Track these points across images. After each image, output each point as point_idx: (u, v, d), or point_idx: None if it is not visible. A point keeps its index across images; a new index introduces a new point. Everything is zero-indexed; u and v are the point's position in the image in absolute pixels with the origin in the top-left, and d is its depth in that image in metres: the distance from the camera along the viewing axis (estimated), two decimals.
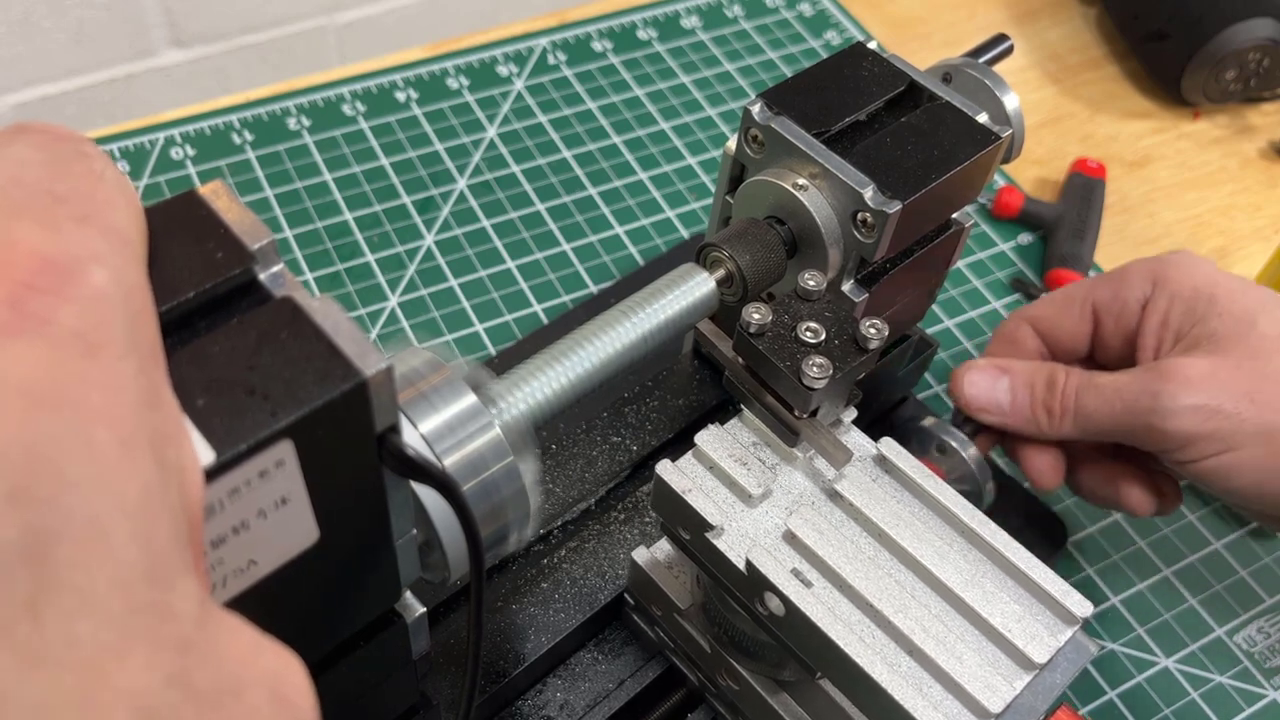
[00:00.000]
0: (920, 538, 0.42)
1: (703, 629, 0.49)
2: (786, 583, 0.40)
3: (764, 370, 0.43)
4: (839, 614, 0.40)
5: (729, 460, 0.43)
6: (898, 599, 0.40)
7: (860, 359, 0.42)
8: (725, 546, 0.42)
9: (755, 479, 0.43)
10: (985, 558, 0.42)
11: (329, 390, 0.27)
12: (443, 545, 0.35)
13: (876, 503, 0.42)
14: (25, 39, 1.10)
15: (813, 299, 0.44)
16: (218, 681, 0.22)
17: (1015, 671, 0.39)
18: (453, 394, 0.37)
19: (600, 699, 0.52)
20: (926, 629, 0.39)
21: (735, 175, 0.52)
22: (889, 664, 0.39)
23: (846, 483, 0.43)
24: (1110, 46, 0.99)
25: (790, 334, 0.43)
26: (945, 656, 0.38)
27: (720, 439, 0.44)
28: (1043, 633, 0.40)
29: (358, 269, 0.76)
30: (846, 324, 0.43)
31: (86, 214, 0.25)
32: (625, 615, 0.54)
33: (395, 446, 0.30)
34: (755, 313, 0.43)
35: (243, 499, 0.26)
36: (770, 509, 0.43)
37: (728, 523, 0.42)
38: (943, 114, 0.49)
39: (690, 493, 0.42)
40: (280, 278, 0.30)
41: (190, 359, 0.27)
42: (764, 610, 0.42)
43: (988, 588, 0.41)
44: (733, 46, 0.95)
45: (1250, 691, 0.62)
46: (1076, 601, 0.40)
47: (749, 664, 0.48)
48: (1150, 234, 0.85)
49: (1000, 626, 0.40)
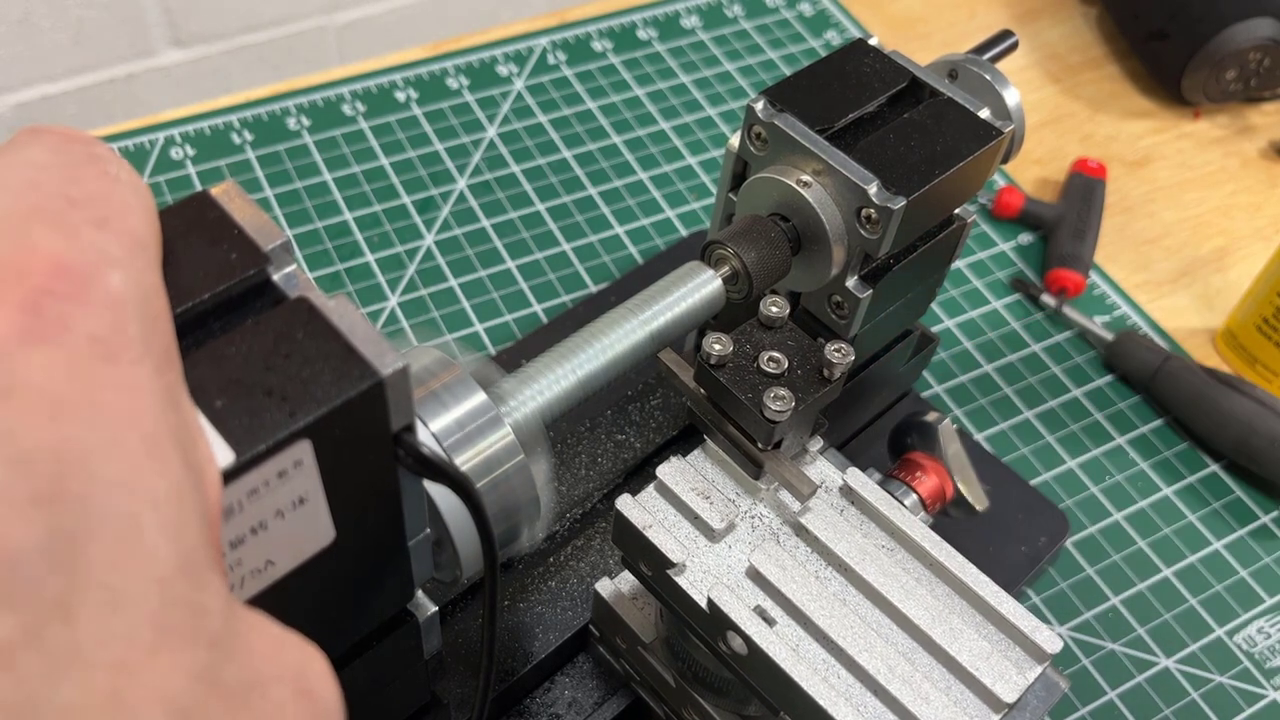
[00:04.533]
0: (886, 573, 0.41)
1: (667, 663, 0.48)
2: (749, 621, 0.39)
3: (725, 402, 0.43)
4: (802, 653, 0.39)
5: (691, 494, 0.43)
6: (863, 637, 0.39)
7: (823, 390, 0.42)
8: (687, 584, 0.41)
9: (718, 513, 0.42)
10: (953, 592, 0.41)
11: (346, 390, 0.27)
12: (454, 544, 0.35)
13: (842, 537, 0.42)
14: (25, 39, 1.10)
15: (775, 327, 0.44)
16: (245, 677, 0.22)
17: (984, 712, 0.39)
18: (464, 392, 0.37)
19: (608, 696, 0.52)
20: (892, 668, 0.38)
21: (738, 173, 0.52)
22: (854, 706, 0.38)
23: (811, 515, 0.42)
24: (1111, 46, 0.99)
25: (752, 364, 0.42)
26: (911, 697, 0.38)
27: (682, 471, 0.44)
28: (1011, 671, 0.39)
29: (358, 269, 0.76)
30: (810, 353, 0.43)
31: (102, 218, 0.25)
32: (590, 647, 0.53)
33: (411, 445, 0.30)
34: (716, 343, 0.42)
35: (261, 499, 0.27)
36: (733, 544, 0.42)
37: (690, 559, 0.42)
38: (945, 110, 0.49)
39: (651, 528, 0.42)
40: (294, 278, 0.30)
41: (207, 360, 0.27)
42: (727, 649, 0.41)
43: (955, 624, 0.40)
44: (733, 46, 0.95)
45: (1250, 691, 0.63)
46: (1046, 638, 0.39)
47: (714, 699, 0.47)
48: (1151, 234, 0.85)
49: (968, 665, 0.39)
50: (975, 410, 0.73)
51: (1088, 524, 0.68)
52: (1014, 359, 0.76)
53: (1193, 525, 0.69)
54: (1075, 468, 0.71)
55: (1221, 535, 0.69)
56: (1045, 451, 0.72)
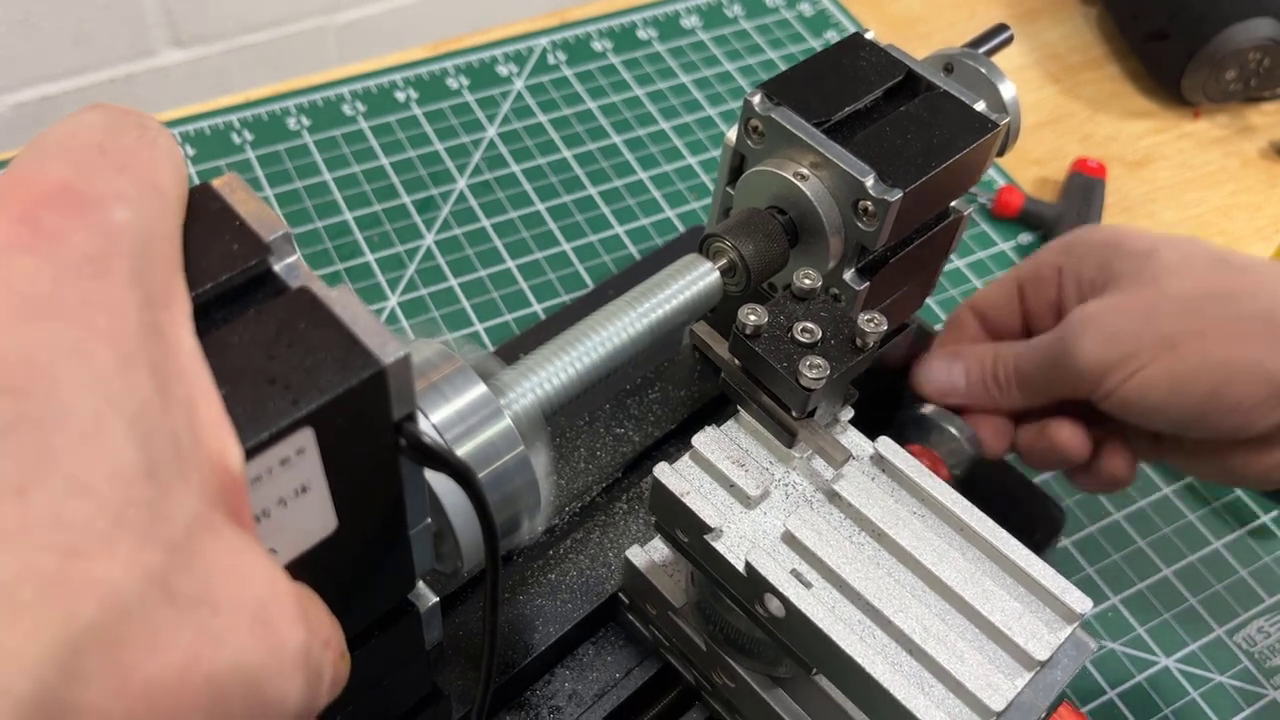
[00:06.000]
0: (919, 537, 0.41)
1: (698, 627, 0.49)
2: (786, 584, 0.40)
3: (760, 371, 0.43)
4: (839, 614, 0.40)
5: (726, 462, 0.43)
6: (898, 598, 0.40)
7: (858, 358, 0.42)
8: (724, 549, 0.41)
9: (753, 480, 0.43)
10: (984, 555, 0.42)
11: (349, 379, 0.27)
12: (456, 535, 0.35)
13: (875, 502, 0.42)
14: (25, 39, 1.10)
15: (807, 298, 0.44)
16: (197, 590, 0.22)
17: (1016, 669, 0.39)
18: (464, 384, 0.37)
19: (608, 688, 0.52)
20: (927, 628, 0.39)
21: (735, 166, 0.52)
22: (891, 663, 0.38)
23: (844, 483, 0.43)
24: (1110, 46, 1.00)
25: (786, 335, 0.43)
26: (946, 655, 0.38)
27: (717, 440, 0.44)
28: (1043, 630, 0.39)
29: (358, 269, 0.76)
30: (843, 323, 0.43)
31: (125, 165, 0.26)
32: (620, 614, 0.54)
33: (413, 434, 0.30)
34: (751, 314, 0.43)
35: (264, 487, 0.27)
36: (768, 510, 0.43)
37: (726, 525, 0.42)
38: (941, 103, 0.49)
39: (688, 495, 0.42)
40: (295, 269, 0.30)
41: (210, 350, 0.27)
42: (764, 612, 0.41)
43: (987, 586, 0.40)
44: (733, 46, 0.95)
45: (1250, 691, 0.63)
46: (1076, 598, 0.40)
47: (745, 661, 0.48)
48: None
49: (1001, 624, 0.39)
50: None
51: (1087, 523, 0.68)
52: None
53: (1193, 525, 0.69)
54: None
55: (1221, 535, 0.69)
56: None
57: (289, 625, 0.24)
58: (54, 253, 0.23)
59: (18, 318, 0.21)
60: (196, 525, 0.22)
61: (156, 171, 0.26)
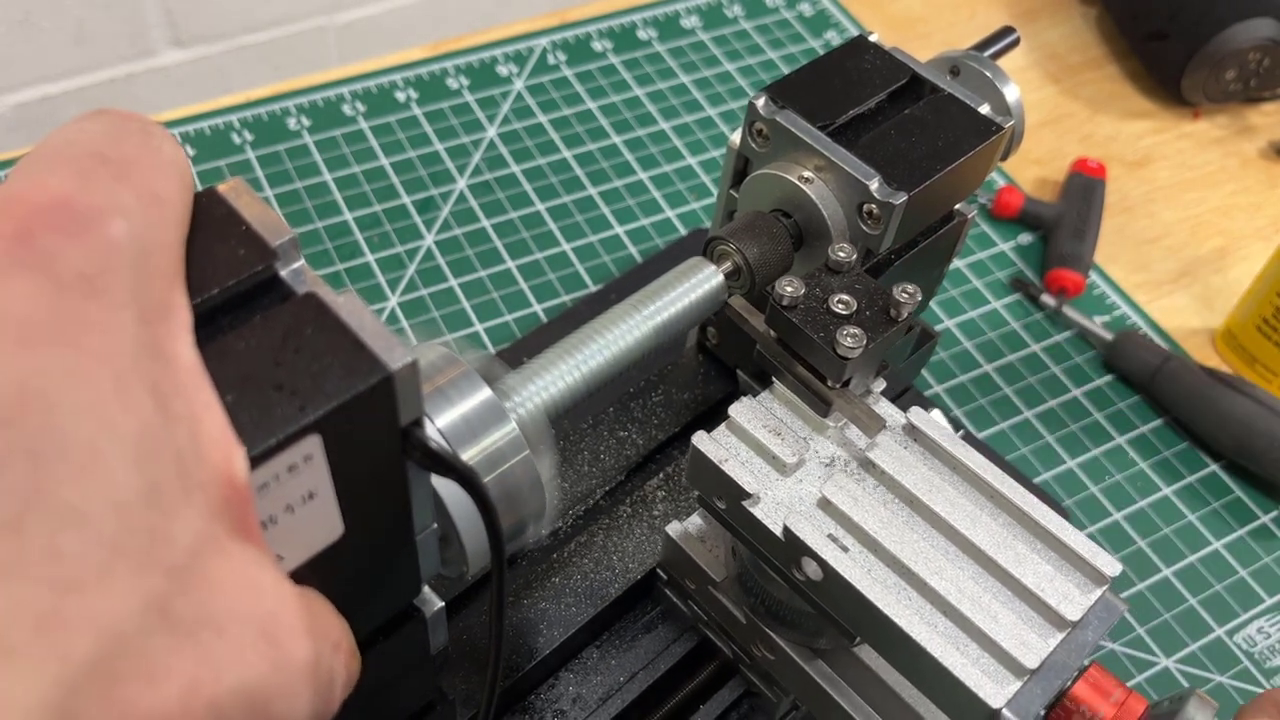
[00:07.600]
0: (952, 503, 0.42)
1: (738, 600, 0.50)
2: (824, 547, 0.40)
3: (797, 342, 0.44)
4: (876, 577, 0.40)
5: (763, 430, 0.44)
6: (932, 561, 0.40)
7: (893, 328, 0.43)
8: (762, 514, 0.42)
9: (789, 448, 0.43)
10: (1015, 521, 0.43)
11: (356, 385, 0.27)
12: (461, 539, 0.35)
13: (908, 469, 0.43)
14: (25, 39, 1.09)
15: (843, 271, 0.45)
16: (199, 612, 0.22)
17: (1049, 629, 0.40)
18: (469, 388, 0.37)
19: (613, 692, 0.52)
20: (961, 590, 0.40)
21: (739, 169, 0.52)
22: (927, 623, 0.39)
23: (879, 451, 0.43)
24: (1110, 46, 1.00)
25: (822, 306, 0.44)
26: (981, 616, 0.39)
27: (754, 410, 0.45)
28: (1074, 592, 0.40)
29: (358, 269, 0.76)
30: (877, 295, 0.44)
31: (125, 174, 0.25)
32: (658, 591, 0.55)
33: (420, 440, 0.30)
34: (788, 285, 0.44)
35: (271, 493, 0.27)
36: (804, 477, 0.44)
37: (764, 491, 0.43)
38: (945, 106, 0.49)
39: (727, 462, 0.43)
40: (301, 274, 0.30)
41: (217, 356, 0.27)
42: (801, 576, 0.42)
43: (1019, 550, 0.41)
44: (733, 46, 0.95)
45: (1250, 691, 0.63)
46: (1106, 561, 0.41)
47: (785, 633, 0.48)
48: (1150, 234, 0.85)
49: (1033, 586, 0.40)
50: (975, 410, 0.73)
51: (1087, 524, 0.68)
52: (1014, 359, 0.76)
53: (1193, 525, 0.69)
54: (1075, 467, 0.71)
55: (1221, 535, 0.69)
56: (1045, 451, 0.72)
57: (295, 640, 0.24)
58: (49, 272, 0.22)
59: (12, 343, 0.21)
60: (200, 544, 0.22)
61: (158, 180, 0.26)
